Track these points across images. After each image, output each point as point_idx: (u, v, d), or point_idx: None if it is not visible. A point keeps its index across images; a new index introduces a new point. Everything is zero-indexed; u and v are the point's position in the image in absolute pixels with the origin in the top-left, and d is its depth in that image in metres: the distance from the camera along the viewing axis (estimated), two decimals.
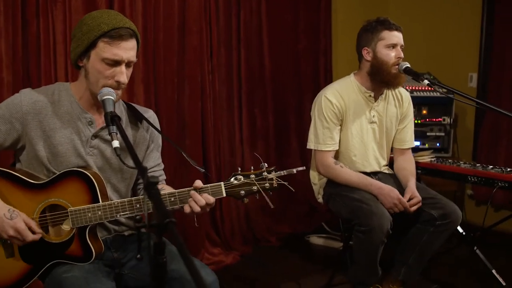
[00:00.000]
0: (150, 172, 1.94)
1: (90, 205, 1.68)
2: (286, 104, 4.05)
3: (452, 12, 4.16)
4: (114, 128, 1.52)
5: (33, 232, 1.64)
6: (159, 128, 1.91)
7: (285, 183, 1.71)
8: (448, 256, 3.32)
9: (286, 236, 3.90)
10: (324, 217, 4.08)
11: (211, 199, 1.69)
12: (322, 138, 2.60)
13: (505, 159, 3.78)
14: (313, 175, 2.81)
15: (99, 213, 1.68)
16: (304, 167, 1.80)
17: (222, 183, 1.71)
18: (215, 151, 3.56)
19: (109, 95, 1.62)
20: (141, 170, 1.24)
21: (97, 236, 1.75)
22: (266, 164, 1.72)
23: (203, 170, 1.75)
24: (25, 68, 2.72)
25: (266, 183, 1.70)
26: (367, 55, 2.58)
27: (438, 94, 3.67)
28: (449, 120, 3.69)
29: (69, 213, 1.68)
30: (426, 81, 2.30)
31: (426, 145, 3.69)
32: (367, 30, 2.57)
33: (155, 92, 3.20)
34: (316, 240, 3.86)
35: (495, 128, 3.87)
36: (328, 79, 4.25)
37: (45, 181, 1.71)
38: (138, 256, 1.28)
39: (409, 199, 2.48)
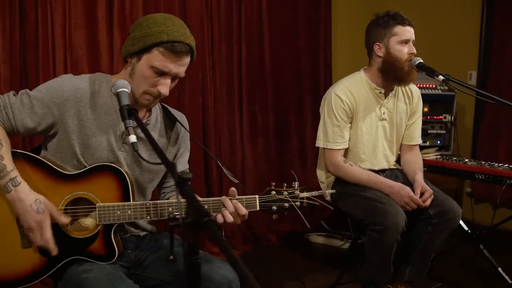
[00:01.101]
0: None
1: (121, 203, 1.61)
2: (286, 101, 4.03)
3: (452, 8, 4.14)
4: (131, 122, 1.44)
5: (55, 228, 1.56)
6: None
7: (317, 203, 1.73)
8: (452, 255, 3.30)
9: (286, 234, 3.87)
10: (323, 215, 4.05)
11: (243, 210, 1.65)
12: (332, 136, 2.54)
13: (505, 156, 3.78)
14: (321, 174, 2.76)
15: (129, 212, 1.61)
16: (334, 190, 1.95)
17: (257, 196, 1.70)
18: (216, 148, 3.52)
19: (123, 87, 1.53)
20: (170, 166, 1.17)
21: (118, 236, 1.68)
22: (298, 183, 1.74)
23: (237, 182, 1.72)
24: (23, 63, 2.65)
25: (297, 201, 1.72)
26: (378, 50, 2.51)
27: (440, 92, 3.65)
28: (450, 118, 3.67)
29: (96, 209, 1.60)
30: (441, 77, 2.22)
31: (427, 142, 3.67)
32: (379, 25, 2.50)
33: None
34: (316, 238, 3.85)
35: (494, 126, 3.87)
36: (328, 76, 4.23)
37: (76, 172, 1.63)
38: (171, 257, 1.22)
39: (421, 194, 2.43)
